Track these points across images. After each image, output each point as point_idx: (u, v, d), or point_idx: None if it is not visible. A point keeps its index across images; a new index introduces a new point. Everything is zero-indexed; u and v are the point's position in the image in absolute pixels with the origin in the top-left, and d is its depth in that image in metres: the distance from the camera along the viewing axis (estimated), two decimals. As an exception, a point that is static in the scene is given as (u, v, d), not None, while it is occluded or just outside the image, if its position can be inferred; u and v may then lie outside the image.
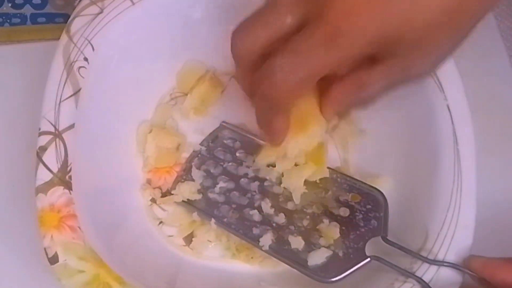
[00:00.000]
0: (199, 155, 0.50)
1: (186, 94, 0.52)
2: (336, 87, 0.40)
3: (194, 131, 0.51)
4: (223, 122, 0.51)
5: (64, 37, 0.46)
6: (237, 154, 0.49)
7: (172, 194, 0.48)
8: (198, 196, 0.47)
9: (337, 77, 0.39)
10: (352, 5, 0.33)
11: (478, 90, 0.51)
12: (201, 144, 0.50)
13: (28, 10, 0.58)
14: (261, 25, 0.36)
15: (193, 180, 0.48)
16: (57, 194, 0.42)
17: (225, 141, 0.50)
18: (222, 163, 0.49)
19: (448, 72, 0.46)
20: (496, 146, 0.52)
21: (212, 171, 0.49)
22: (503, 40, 0.57)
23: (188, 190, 0.47)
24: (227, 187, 0.48)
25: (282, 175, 0.46)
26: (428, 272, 0.41)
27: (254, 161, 0.48)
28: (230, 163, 0.49)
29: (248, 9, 0.41)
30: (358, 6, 0.33)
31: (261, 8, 0.37)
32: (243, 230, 0.46)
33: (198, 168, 0.49)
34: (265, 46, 0.36)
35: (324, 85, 0.41)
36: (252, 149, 0.49)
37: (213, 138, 0.50)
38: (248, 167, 0.48)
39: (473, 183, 0.43)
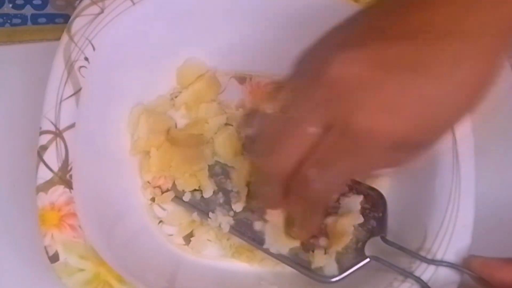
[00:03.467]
0: None
1: (186, 91, 0.52)
2: None
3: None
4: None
5: (65, 37, 0.46)
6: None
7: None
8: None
9: None
10: (375, 115, 0.33)
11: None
12: None
13: (28, 10, 0.58)
14: (288, 140, 0.36)
15: None
16: (58, 193, 0.42)
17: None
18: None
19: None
20: (495, 146, 0.52)
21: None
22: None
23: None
24: (226, 187, 0.48)
25: None
26: (426, 272, 0.41)
27: None
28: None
29: (249, 9, 0.42)
30: (381, 116, 0.33)
31: (281, 122, 0.37)
32: (242, 230, 0.46)
33: None
34: (297, 162, 0.36)
35: None
36: None
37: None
38: None
39: (471, 183, 0.43)
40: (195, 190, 0.48)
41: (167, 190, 0.48)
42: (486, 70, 0.34)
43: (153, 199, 0.49)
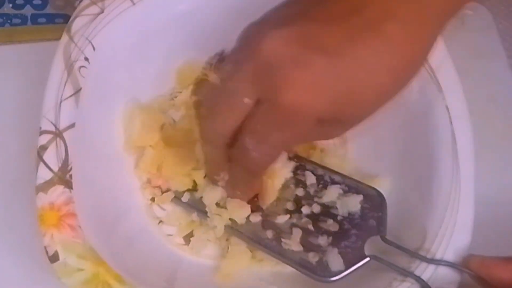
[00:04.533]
0: None
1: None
2: None
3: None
4: None
5: (64, 37, 0.46)
6: None
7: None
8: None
9: None
10: (301, 91, 0.36)
11: (477, 91, 0.52)
12: None
13: (28, 10, 0.58)
14: (225, 112, 0.39)
15: None
16: (57, 193, 0.42)
17: None
18: None
19: (447, 72, 0.46)
20: (495, 146, 0.52)
21: None
22: (501, 41, 0.57)
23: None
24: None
25: None
26: (426, 271, 0.41)
27: None
28: None
29: (248, 9, 0.42)
30: (306, 93, 0.36)
31: (217, 90, 0.40)
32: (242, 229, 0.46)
33: None
34: (233, 128, 0.39)
35: None
36: None
37: None
38: None
39: (471, 182, 0.43)
40: (194, 190, 0.48)
41: (167, 190, 0.49)
42: (411, 56, 0.37)
43: (153, 199, 0.49)
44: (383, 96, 0.38)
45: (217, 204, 0.47)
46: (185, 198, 0.48)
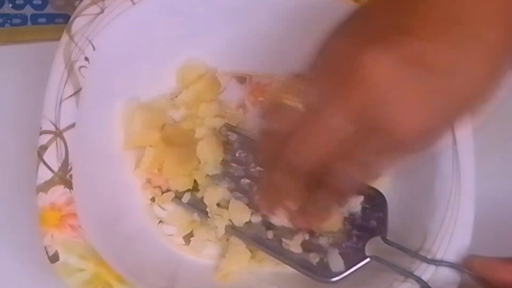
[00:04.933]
0: None
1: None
2: None
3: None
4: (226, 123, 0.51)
5: (65, 37, 0.46)
6: (237, 155, 0.49)
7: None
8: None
9: None
10: (416, 118, 0.34)
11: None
12: None
13: (28, 10, 0.58)
14: (319, 137, 0.36)
15: None
16: (58, 193, 0.42)
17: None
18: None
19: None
20: (495, 146, 0.52)
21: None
22: (502, 41, 0.57)
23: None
24: (228, 187, 0.48)
25: None
26: (427, 272, 0.41)
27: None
28: (231, 163, 0.49)
29: (249, 9, 0.42)
30: (422, 119, 0.34)
31: (310, 117, 0.36)
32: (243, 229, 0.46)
33: None
34: (323, 156, 0.36)
35: None
36: (253, 148, 0.49)
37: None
38: (247, 167, 0.48)
39: (471, 182, 0.43)
40: (195, 190, 0.48)
41: (167, 190, 0.48)
42: (501, 65, 0.35)
43: (153, 199, 0.49)
44: (482, 100, 0.36)
45: (218, 205, 0.47)
46: (186, 198, 0.48)
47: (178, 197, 0.48)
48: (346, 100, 0.34)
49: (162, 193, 0.49)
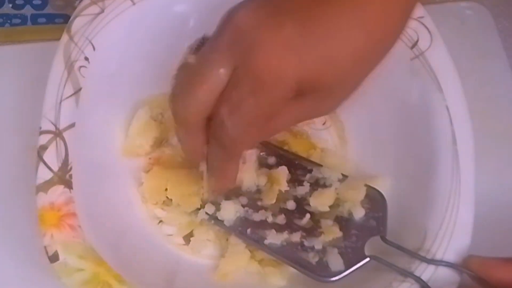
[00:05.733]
0: None
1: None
2: None
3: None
4: None
5: (65, 37, 0.46)
6: None
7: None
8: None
9: None
10: (271, 54, 0.35)
11: (477, 91, 0.52)
12: None
13: (28, 10, 0.58)
14: (199, 87, 0.37)
15: None
16: (57, 192, 0.42)
17: None
18: None
19: (447, 72, 0.46)
20: (495, 146, 0.52)
21: None
22: (501, 41, 0.57)
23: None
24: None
25: None
26: (426, 272, 0.41)
27: None
28: None
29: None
30: (277, 55, 0.35)
31: (192, 67, 0.38)
32: (243, 229, 0.46)
33: None
34: (210, 104, 0.38)
35: None
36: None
37: None
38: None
39: (471, 183, 0.43)
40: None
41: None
42: (387, 22, 0.37)
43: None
44: (360, 62, 0.37)
45: None
46: (208, 217, 0.47)
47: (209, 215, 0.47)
48: (218, 46, 0.37)
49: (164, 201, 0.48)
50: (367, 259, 0.43)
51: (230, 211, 0.46)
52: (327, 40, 0.36)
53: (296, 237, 0.45)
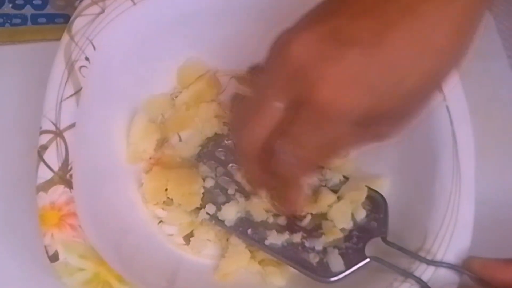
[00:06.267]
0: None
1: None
2: None
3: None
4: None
5: (65, 37, 0.46)
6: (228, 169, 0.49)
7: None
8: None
9: None
10: (336, 89, 0.34)
11: (477, 91, 0.52)
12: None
13: (28, 10, 0.58)
14: (257, 120, 0.37)
15: None
16: (58, 192, 0.42)
17: (216, 154, 0.50)
18: (213, 177, 0.49)
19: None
20: (495, 146, 0.52)
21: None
22: (501, 41, 0.57)
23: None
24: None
25: None
26: (426, 273, 0.41)
27: None
28: (222, 177, 0.49)
29: (249, 10, 0.42)
30: (342, 90, 0.34)
31: (250, 101, 0.38)
32: (243, 229, 0.46)
33: None
34: (266, 138, 0.38)
35: None
36: None
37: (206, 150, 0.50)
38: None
39: (472, 183, 0.43)
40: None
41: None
42: (455, 34, 0.35)
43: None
44: (428, 82, 0.35)
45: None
46: (209, 217, 0.47)
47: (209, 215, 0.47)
48: (275, 80, 0.36)
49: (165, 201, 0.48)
50: (368, 259, 0.43)
51: (231, 211, 0.46)
52: (392, 71, 0.34)
53: (297, 237, 0.45)
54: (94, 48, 0.46)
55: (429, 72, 0.35)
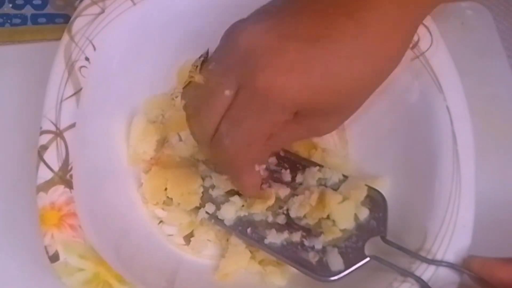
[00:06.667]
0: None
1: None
2: None
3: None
4: None
5: (65, 37, 0.46)
6: None
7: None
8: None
9: None
10: (274, 76, 0.37)
11: (477, 91, 0.52)
12: None
13: (28, 10, 0.58)
14: (207, 108, 0.40)
15: None
16: (58, 192, 0.42)
17: None
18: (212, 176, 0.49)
19: (447, 72, 0.46)
20: (495, 146, 0.52)
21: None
22: (501, 41, 0.57)
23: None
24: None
25: None
26: (426, 272, 0.41)
27: None
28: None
29: (250, 9, 0.41)
30: (280, 77, 0.37)
31: (200, 88, 0.40)
32: (243, 229, 0.46)
33: None
34: (217, 123, 0.40)
35: None
36: None
37: None
38: None
39: (472, 183, 0.43)
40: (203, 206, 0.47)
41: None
42: (390, 44, 0.38)
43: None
44: (362, 84, 0.39)
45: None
46: (208, 216, 0.47)
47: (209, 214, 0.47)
48: (225, 67, 0.39)
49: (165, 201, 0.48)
50: (367, 259, 0.43)
51: (230, 210, 0.46)
52: (328, 67, 0.37)
53: (296, 236, 0.45)
54: (94, 48, 0.46)
55: (360, 75, 0.38)
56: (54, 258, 0.40)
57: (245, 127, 0.39)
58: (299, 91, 0.37)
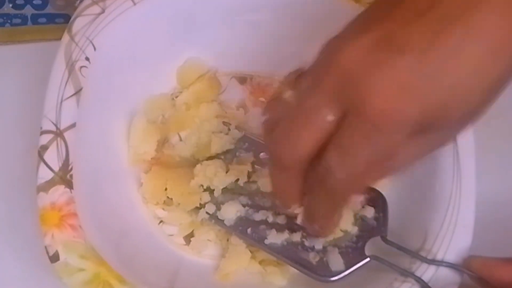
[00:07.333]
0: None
1: (186, 91, 0.52)
2: None
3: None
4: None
5: (65, 37, 0.46)
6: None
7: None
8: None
9: None
10: (387, 99, 0.32)
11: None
12: None
13: (28, 10, 0.58)
14: (302, 130, 0.35)
15: None
16: (58, 192, 0.42)
17: None
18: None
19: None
20: (496, 146, 0.52)
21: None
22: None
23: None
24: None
25: None
26: (427, 272, 0.41)
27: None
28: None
29: (249, 9, 0.42)
30: (394, 99, 0.32)
31: (292, 107, 0.36)
32: (243, 229, 0.46)
33: None
34: (314, 151, 0.35)
35: None
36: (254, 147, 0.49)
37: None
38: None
39: (472, 183, 0.43)
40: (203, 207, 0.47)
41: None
42: (509, 35, 0.32)
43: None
44: (489, 86, 0.33)
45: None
46: (208, 217, 0.47)
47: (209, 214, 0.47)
48: (323, 88, 0.34)
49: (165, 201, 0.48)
50: (368, 259, 0.43)
51: (230, 210, 0.46)
52: (447, 72, 0.32)
53: (296, 237, 0.45)
54: (95, 48, 0.46)
55: (487, 76, 0.33)
56: (55, 258, 0.40)
57: (360, 158, 0.34)
58: (418, 108, 0.32)
